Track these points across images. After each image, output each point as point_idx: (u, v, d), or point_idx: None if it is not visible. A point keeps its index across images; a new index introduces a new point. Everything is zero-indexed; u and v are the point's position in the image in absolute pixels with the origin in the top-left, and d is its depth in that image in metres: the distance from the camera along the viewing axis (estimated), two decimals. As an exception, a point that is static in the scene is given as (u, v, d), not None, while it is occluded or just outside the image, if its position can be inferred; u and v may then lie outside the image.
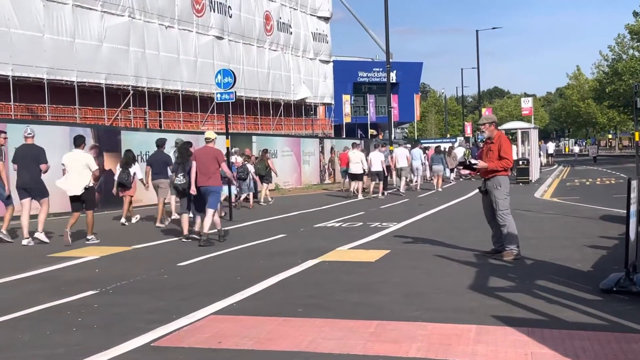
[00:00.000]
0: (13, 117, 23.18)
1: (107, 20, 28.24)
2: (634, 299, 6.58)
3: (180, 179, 11.96)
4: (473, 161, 9.90)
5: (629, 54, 59.64)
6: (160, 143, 15.36)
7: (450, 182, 31.10)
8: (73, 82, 26.30)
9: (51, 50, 25.35)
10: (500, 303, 6.61)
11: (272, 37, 41.39)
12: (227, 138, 16.23)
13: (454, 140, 55.98)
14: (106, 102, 28.02)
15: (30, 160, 12.14)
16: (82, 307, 6.88)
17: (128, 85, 29.24)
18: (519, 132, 31.77)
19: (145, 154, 20.50)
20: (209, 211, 11.58)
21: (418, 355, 4.99)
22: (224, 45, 36.33)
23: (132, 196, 15.86)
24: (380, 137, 61.23)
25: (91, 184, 12.16)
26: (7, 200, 12.34)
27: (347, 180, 24.40)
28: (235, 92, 16.17)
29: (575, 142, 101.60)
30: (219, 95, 16.15)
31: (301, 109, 46.05)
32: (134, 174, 15.64)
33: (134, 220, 15.86)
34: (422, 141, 49.25)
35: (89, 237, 12.08)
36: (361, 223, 14.41)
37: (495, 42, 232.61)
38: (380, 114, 65.35)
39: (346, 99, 53.31)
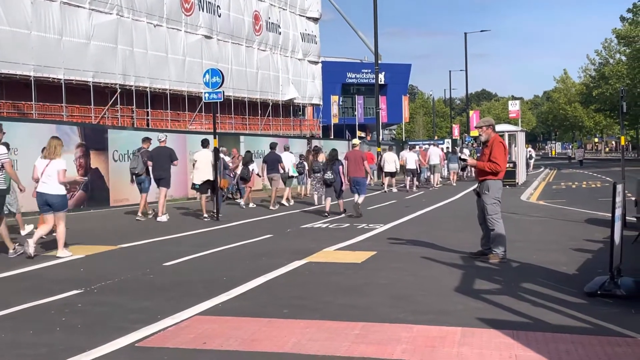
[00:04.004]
0: (-1, 114, 23.02)
1: (95, 18, 28.07)
2: (618, 303, 6.61)
3: (329, 175, 16.21)
4: (463, 156, 9.89)
5: (616, 58, 60.14)
6: (273, 146, 19.82)
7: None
8: (60, 79, 26.13)
9: (38, 48, 25.17)
10: (486, 305, 6.62)
11: (261, 37, 41.33)
12: (214, 138, 16.18)
13: (442, 142, 56.13)
14: (93, 100, 27.87)
15: (164, 158, 15.65)
16: (66, 307, 6.83)
17: (116, 84, 29.10)
18: (506, 134, 31.86)
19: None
20: (361, 196, 16.23)
21: (403, 357, 5.00)
22: (212, 45, 36.24)
23: (251, 187, 19.93)
24: (369, 138, 61.29)
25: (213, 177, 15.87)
26: (148, 189, 16.12)
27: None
28: (223, 91, 16.13)
29: (563, 146, 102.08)
30: (207, 95, 16.11)
31: (289, 110, 46.00)
32: (252, 169, 19.67)
33: (251, 205, 19.56)
34: (409, 142, 49.32)
35: (205, 215, 15.78)
36: (348, 224, 14.40)
37: (484, 45, 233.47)
38: (368, 115, 65.33)
39: (334, 99, 53.23)
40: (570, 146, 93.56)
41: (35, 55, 24.99)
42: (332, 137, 51.39)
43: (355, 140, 18.12)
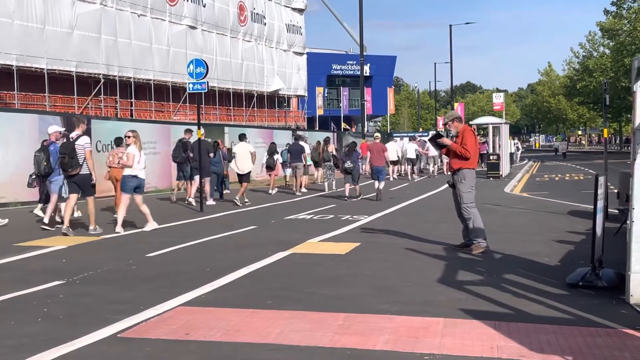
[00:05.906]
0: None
1: (79, 8, 27.88)
2: (599, 294, 6.66)
3: (349, 164, 18.35)
4: (441, 135, 10.05)
5: (600, 51, 60.41)
6: (297, 137, 22.66)
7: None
8: (43, 69, 25.96)
9: (21, 37, 24.97)
10: (468, 296, 6.65)
11: (246, 27, 41.20)
12: (199, 129, 16.13)
13: (426, 134, 56.30)
14: (77, 90, 27.71)
15: (202, 150, 16.43)
16: (48, 298, 6.80)
17: (99, 74, 28.93)
18: (490, 127, 32.00)
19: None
20: (382, 183, 18.47)
21: (385, 348, 5.01)
22: (197, 35, 36.09)
23: (276, 174, 21.84)
24: (354, 130, 61.30)
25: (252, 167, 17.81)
26: (190, 177, 17.60)
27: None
28: (207, 82, 16.06)
29: (547, 138, 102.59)
30: (191, 86, 16.04)
31: (274, 101, 45.95)
32: (277, 159, 21.42)
33: (273, 191, 21.24)
34: (394, 134, 49.39)
35: (246, 200, 17.48)
36: (332, 215, 14.41)
37: (469, 38, 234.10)
38: (353, 107, 65.37)
39: (319, 91, 53.27)
40: (554, 139, 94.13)
41: (18, 45, 24.79)
42: (317, 128, 51.40)
43: (377, 134, 21.05)
